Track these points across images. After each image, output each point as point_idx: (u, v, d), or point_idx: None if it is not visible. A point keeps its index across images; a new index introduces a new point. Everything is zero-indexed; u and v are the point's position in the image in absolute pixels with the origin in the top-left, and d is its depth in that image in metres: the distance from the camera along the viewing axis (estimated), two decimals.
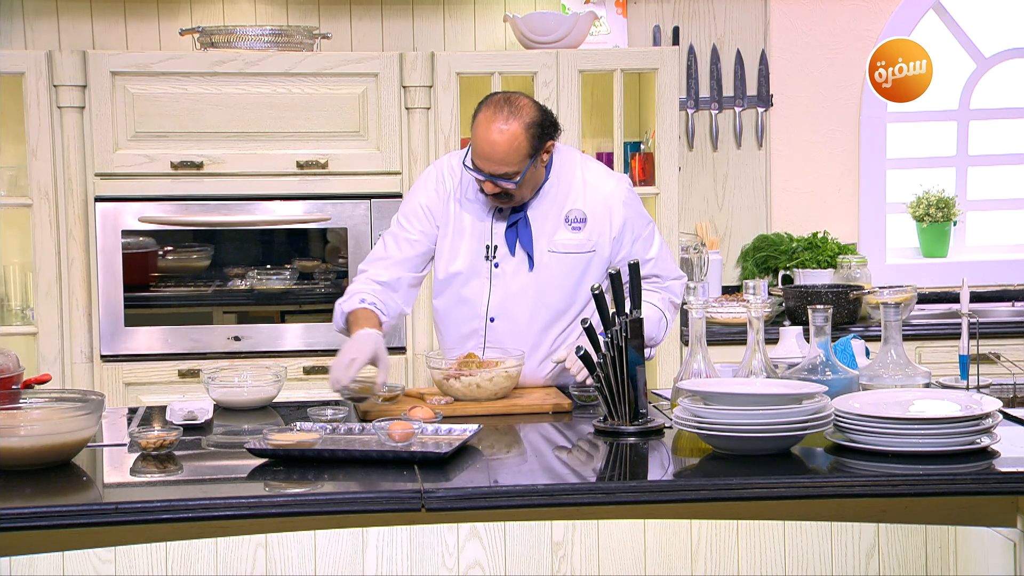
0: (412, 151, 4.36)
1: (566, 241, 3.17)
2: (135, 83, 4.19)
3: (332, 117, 4.31)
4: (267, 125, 4.28)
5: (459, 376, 2.99)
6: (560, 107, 4.38)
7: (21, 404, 2.58)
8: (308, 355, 4.35)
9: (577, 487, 2.35)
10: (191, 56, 4.26)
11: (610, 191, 3.19)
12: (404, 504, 2.27)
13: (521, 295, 3.18)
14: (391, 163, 4.36)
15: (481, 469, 2.47)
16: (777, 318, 4.68)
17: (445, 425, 2.66)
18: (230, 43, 4.29)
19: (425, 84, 4.33)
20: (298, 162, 4.30)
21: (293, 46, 4.35)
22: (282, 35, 4.34)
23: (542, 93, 4.38)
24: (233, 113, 4.26)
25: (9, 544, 2.31)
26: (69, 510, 2.24)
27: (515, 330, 3.19)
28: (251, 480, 2.43)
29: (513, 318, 3.19)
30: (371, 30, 4.75)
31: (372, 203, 4.35)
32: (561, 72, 4.39)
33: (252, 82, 4.26)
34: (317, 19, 4.69)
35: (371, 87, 4.32)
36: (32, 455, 2.40)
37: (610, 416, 2.73)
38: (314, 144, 4.32)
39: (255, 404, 3.04)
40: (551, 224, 3.17)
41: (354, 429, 2.67)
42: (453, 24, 4.78)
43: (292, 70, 4.27)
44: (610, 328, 2.71)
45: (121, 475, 2.49)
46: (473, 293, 3.21)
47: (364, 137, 4.34)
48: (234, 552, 2.57)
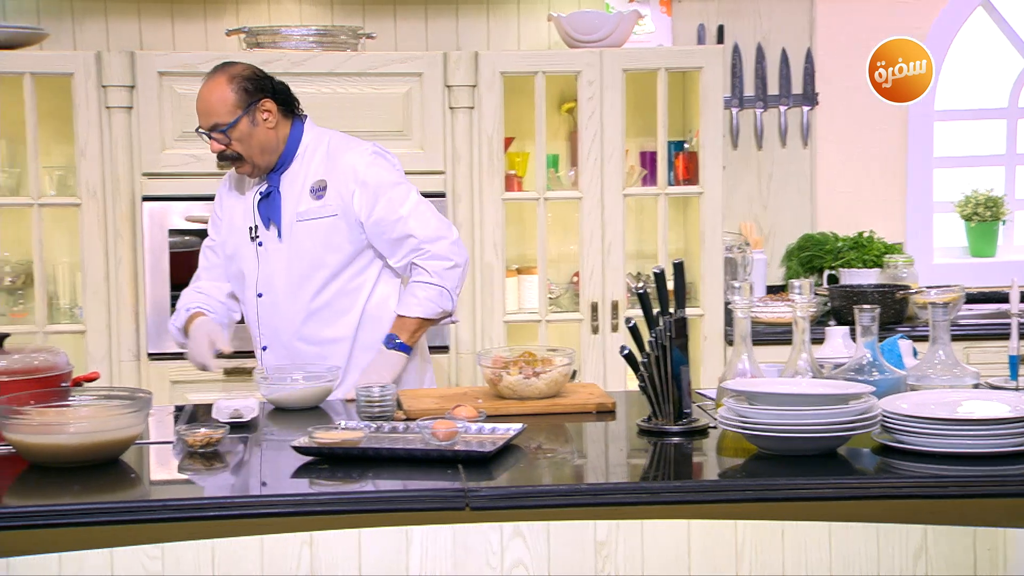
0: (456, 151, 4.36)
1: (309, 209, 3.31)
2: (182, 83, 4.22)
3: (376, 117, 4.32)
4: None
5: (520, 374, 2.98)
6: (604, 106, 4.37)
7: (70, 402, 2.61)
8: None
9: (621, 487, 2.34)
10: (237, 56, 4.27)
11: (349, 158, 3.32)
12: (448, 503, 2.27)
13: (278, 266, 3.34)
14: (434, 163, 4.36)
15: (525, 468, 2.47)
16: (822, 318, 4.64)
17: (489, 424, 2.66)
18: (275, 43, 4.32)
19: (469, 84, 4.33)
20: None
21: (337, 46, 4.37)
22: (327, 35, 4.36)
23: (586, 92, 4.37)
24: None
25: (58, 541, 2.34)
26: (117, 507, 2.26)
27: (277, 301, 3.34)
28: (296, 478, 2.44)
29: (275, 290, 3.34)
30: (415, 30, 4.76)
31: None
32: (605, 71, 4.38)
33: (297, 82, 4.24)
34: (361, 19, 4.70)
35: (415, 87, 4.33)
36: (81, 452, 2.42)
37: (654, 416, 2.72)
38: None
39: (307, 403, 3.06)
40: (297, 196, 3.32)
41: (398, 428, 2.67)
42: (497, 23, 4.78)
43: (336, 70, 4.29)
44: (653, 327, 2.70)
45: (168, 473, 2.51)
46: (247, 271, 3.38)
47: (408, 137, 4.35)
48: (280, 550, 2.58)
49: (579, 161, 4.45)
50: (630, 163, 4.58)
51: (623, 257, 4.46)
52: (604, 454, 2.64)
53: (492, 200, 4.40)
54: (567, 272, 4.74)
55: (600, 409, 2.95)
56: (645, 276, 4.69)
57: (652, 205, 4.62)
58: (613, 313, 4.47)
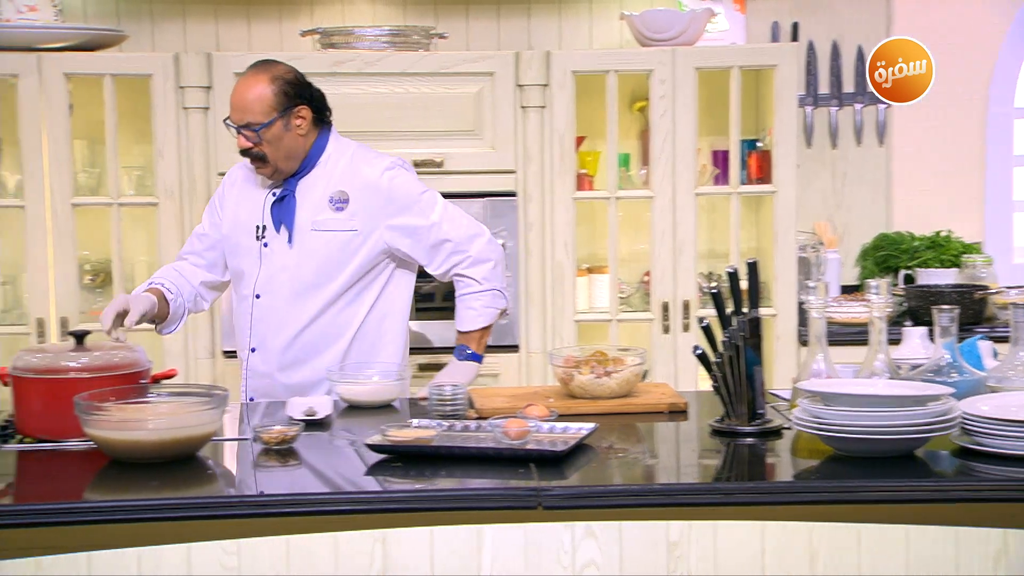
0: (527, 150, 4.36)
1: (327, 220, 3.27)
2: None
3: (448, 116, 4.34)
4: (384, 124, 4.32)
5: (592, 374, 2.98)
6: (676, 105, 4.35)
7: (149, 399, 2.65)
8: (423, 352, 4.37)
9: (695, 487, 2.33)
10: (311, 56, 4.33)
11: (371, 172, 3.29)
12: (521, 501, 2.27)
13: (282, 271, 3.29)
14: (505, 162, 4.37)
15: (597, 468, 2.46)
16: (897, 318, 4.58)
17: (560, 423, 2.66)
18: (349, 44, 4.35)
19: (540, 83, 4.33)
20: (414, 161, 4.32)
21: (410, 46, 4.39)
22: (399, 35, 4.38)
23: (657, 91, 4.35)
24: (351, 113, 4.29)
25: (137, 535, 2.37)
26: (194, 503, 2.30)
27: (275, 305, 3.30)
28: (370, 476, 2.46)
29: (275, 294, 3.30)
30: (487, 29, 4.77)
31: (487, 202, 4.37)
32: (677, 70, 4.35)
33: (370, 82, 4.31)
34: (434, 19, 4.72)
35: (486, 86, 4.33)
36: (159, 448, 2.46)
37: (727, 416, 2.70)
38: (430, 143, 4.35)
39: (380, 402, 3.07)
40: (315, 204, 3.28)
41: (470, 426, 2.68)
42: (568, 22, 4.78)
43: (409, 70, 4.31)
44: (727, 327, 2.68)
45: (244, 469, 2.54)
46: (247, 270, 3.34)
47: (479, 136, 4.36)
48: (353, 547, 2.59)
49: (650, 160, 4.43)
50: (702, 162, 4.55)
51: (694, 256, 4.44)
52: (676, 454, 2.63)
53: (563, 199, 4.39)
54: (638, 271, 4.73)
55: (672, 409, 2.93)
56: (717, 276, 4.66)
57: (724, 204, 4.59)
58: (684, 313, 4.45)
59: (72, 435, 2.61)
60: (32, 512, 2.25)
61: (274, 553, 2.55)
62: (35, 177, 4.24)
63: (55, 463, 2.56)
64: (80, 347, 2.78)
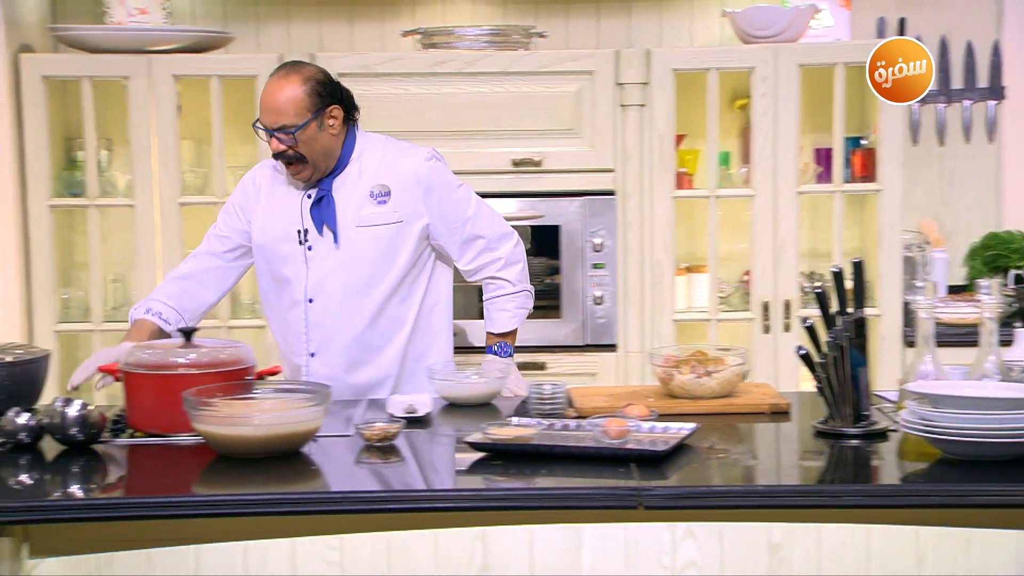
0: (626, 149, 4.35)
1: (372, 215, 3.24)
2: (359, 84, 4.27)
3: (547, 115, 4.34)
4: (483, 124, 4.34)
5: (692, 373, 2.96)
6: (778, 102, 4.30)
7: (254, 395, 2.69)
8: (520, 351, 4.36)
9: (799, 489, 2.30)
10: (412, 57, 4.36)
11: (410, 163, 3.28)
12: (622, 501, 2.26)
13: (333, 272, 3.24)
14: (604, 161, 4.36)
15: (698, 468, 2.45)
16: (1008, 319, 4.47)
17: (661, 423, 2.64)
18: (449, 43, 4.37)
19: (640, 81, 4.32)
20: (513, 160, 4.35)
21: (510, 45, 4.40)
22: (499, 34, 4.40)
23: (760, 89, 4.30)
24: (451, 112, 4.34)
25: (243, 530, 2.42)
26: (298, 498, 2.33)
27: (331, 308, 3.25)
28: (470, 474, 2.46)
29: (328, 296, 3.25)
30: (586, 28, 4.76)
31: (585, 200, 4.36)
32: (780, 67, 4.30)
33: (470, 81, 4.33)
34: (534, 18, 4.73)
35: (586, 85, 4.33)
36: (263, 444, 2.49)
37: (831, 418, 2.66)
38: (528, 142, 4.35)
39: (480, 400, 3.09)
40: (357, 201, 3.24)
41: (570, 425, 2.68)
42: (669, 20, 4.75)
43: (508, 69, 4.32)
44: (831, 327, 2.65)
45: (346, 466, 2.57)
46: (292, 276, 3.27)
47: (578, 135, 4.36)
48: (453, 545, 2.61)
49: (752, 158, 4.39)
50: (804, 160, 4.49)
51: (796, 256, 4.38)
52: (779, 455, 2.60)
53: (662, 198, 4.37)
54: (737, 271, 4.68)
55: (774, 410, 2.90)
56: (818, 275, 4.60)
57: (826, 203, 4.52)
58: (785, 312, 4.40)
59: (180, 430, 2.66)
60: (142, 505, 2.30)
61: (375, 549, 2.59)
62: (144, 177, 4.33)
63: (164, 457, 2.61)
64: (188, 344, 2.83)
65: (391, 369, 3.31)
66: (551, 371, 4.35)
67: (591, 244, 4.37)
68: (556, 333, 4.41)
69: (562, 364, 4.38)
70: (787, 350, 4.38)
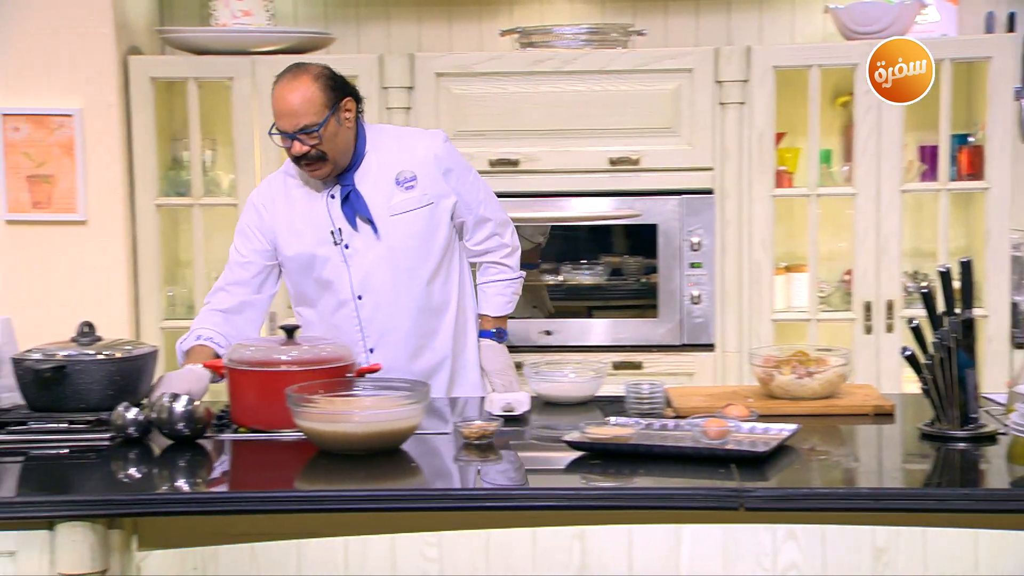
0: (724, 147, 4.31)
1: (402, 202, 3.24)
2: (457, 84, 4.33)
3: (644, 113, 4.32)
4: (580, 122, 4.33)
5: (793, 374, 2.92)
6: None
7: (355, 392, 2.72)
8: (616, 350, 4.38)
9: (904, 492, 2.26)
10: (510, 56, 4.37)
11: (428, 145, 3.30)
12: (722, 502, 2.24)
13: (378, 266, 3.23)
14: (702, 159, 4.33)
15: (800, 470, 2.42)
16: None
17: (761, 424, 2.62)
18: (547, 42, 4.38)
19: (740, 79, 4.28)
20: (610, 159, 4.34)
21: (608, 43, 4.39)
22: (597, 33, 4.39)
23: (863, 86, 4.23)
24: (548, 111, 4.34)
25: (343, 525, 2.44)
26: (399, 495, 2.35)
27: (382, 300, 3.25)
28: (568, 472, 2.46)
29: (377, 290, 3.24)
30: (685, 25, 4.73)
31: (683, 199, 4.34)
32: None
33: (567, 80, 4.33)
34: (632, 16, 4.71)
35: (684, 83, 4.30)
36: (364, 440, 2.52)
37: (937, 420, 2.61)
38: (626, 141, 4.34)
39: (577, 399, 3.08)
40: (384, 191, 3.24)
41: (668, 425, 2.66)
42: (769, 17, 4.70)
43: (606, 67, 4.31)
44: (938, 328, 2.60)
45: (445, 463, 2.58)
46: (333, 277, 3.25)
47: (676, 133, 4.33)
48: (551, 543, 2.61)
49: (854, 156, 4.32)
50: (908, 158, 4.41)
51: (899, 255, 4.31)
52: (883, 458, 2.56)
53: (761, 197, 4.32)
54: (837, 270, 4.61)
55: (878, 411, 2.85)
56: (922, 275, 4.51)
57: (931, 201, 4.44)
58: (888, 313, 4.32)
59: (283, 426, 2.70)
60: (245, 500, 2.33)
61: (474, 546, 2.59)
62: (247, 176, 4.40)
63: (267, 453, 2.66)
64: (290, 341, 2.87)
65: (446, 350, 3.34)
66: (647, 371, 4.33)
67: (688, 243, 4.34)
68: (652, 333, 4.39)
69: (658, 364, 4.36)
70: (889, 351, 4.31)
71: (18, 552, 2.30)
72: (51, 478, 2.50)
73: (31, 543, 2.29)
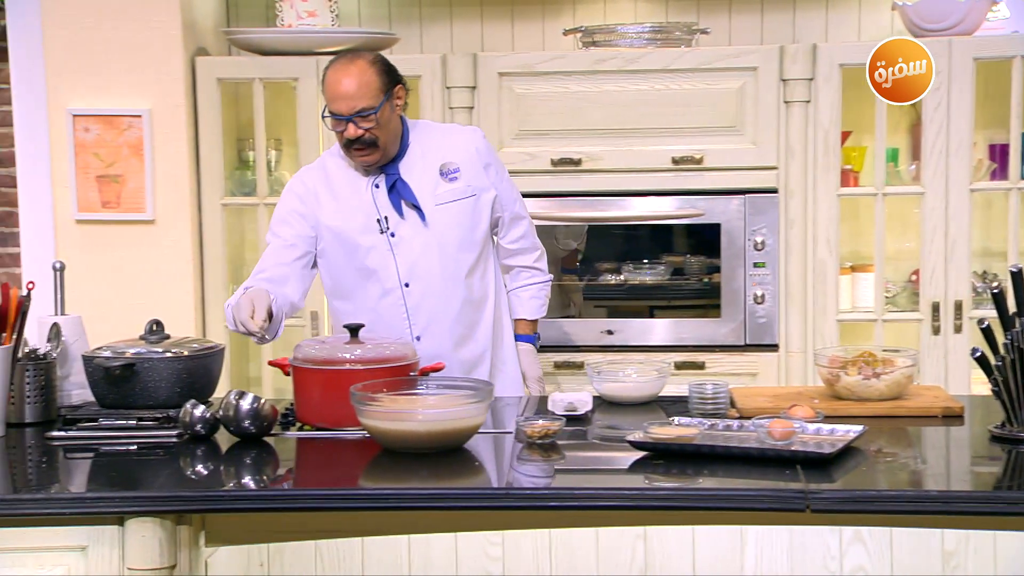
0: (789, 146, 4.28)
1: (447, 192, 3.28)
2: (520, 83, 4.34)
3: (708, 112, 4.30)
4: (643, 122, 4.32)
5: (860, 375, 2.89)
6: (951, 96, 4.17)
7: (418, 391, 2.73)
8: (678, 350, 4.36)
9: (974, 495, 2.23)
10: (573, 55, 4.37)
11: (469, 139, 3.36)
12: (788, 504, 2.23)
13: (426, 252, 3.26)
14: (767, 158, 4.30)
15: (867, 472, 2.39)
16: None
17: (827, 425, 2.59)
18: (610, 41, 4.37)
19: (805, 77, 4.24)
20: (673, 158, 4.32)
21: (671, 42, 4.37)
22: (661, 32, 4.37)
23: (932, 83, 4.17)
24: (611, 111, 4.33)
25: (406, 523, 2.45)
26: (462, 493, 2.36)
27: (430, 288, 3.27)
28: (632, 472, 2.46)
29: (425, 277, 3.27)
30: (749, 23, 4.70)
31: (746, 198, 4.31)
32: (953, 61, 4.17)
33: (630, 79, 4.31)
34: (695, 14, 4.69)
35: (749, 81, 4.27)
36: (428, 439, 2.53)
37: (1008, 422, 2.57)
38: (689, 140, 4.32)
39: (640, 399, 3.07)
40: (429, 181, 3.28)
41: (732, 426, 2.65)
42: (835, 14, 4.65)
43: (670, 66, 4.29)
44: (1009, 329, 2.56)
45: (508, 462, 2.59)
46: (378, 266, 3.27)
47: (740, 132, 4.30)
48: (614, 543, 2.60)
49: (922, 155, 4.27)
50: (977, 156, 4.35)
51: (968, 255, 4.25)
52: (952, 460, 2.53)
53: (826, 196, 4.28)
54: (904, 270, 4.56)
55: (947, 413, 2.82)
56: (991, 275, 4.45)
57: (1001, 200, 4.37)
58: (956, 313, 4.26)
59: (347, 424, 2.72)
60: (310, 497, 2.35)
61: (537, 545, 2.59)
62: None
63: (331, 451, 2.68)
64: (354, 339, 2.89)
65: (487, 343, 3.38)
66: (710, 371, 4.31)
67: (752, 243, 4.31)
68: (715, 332, 4.36)
69: (721, 364, 4.33)
70: (958, 352, 4.25)
71: (89, 547, 2.33)
72: (120, 474, 2.54)
73: (102, 538, 2.33)
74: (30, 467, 2.61)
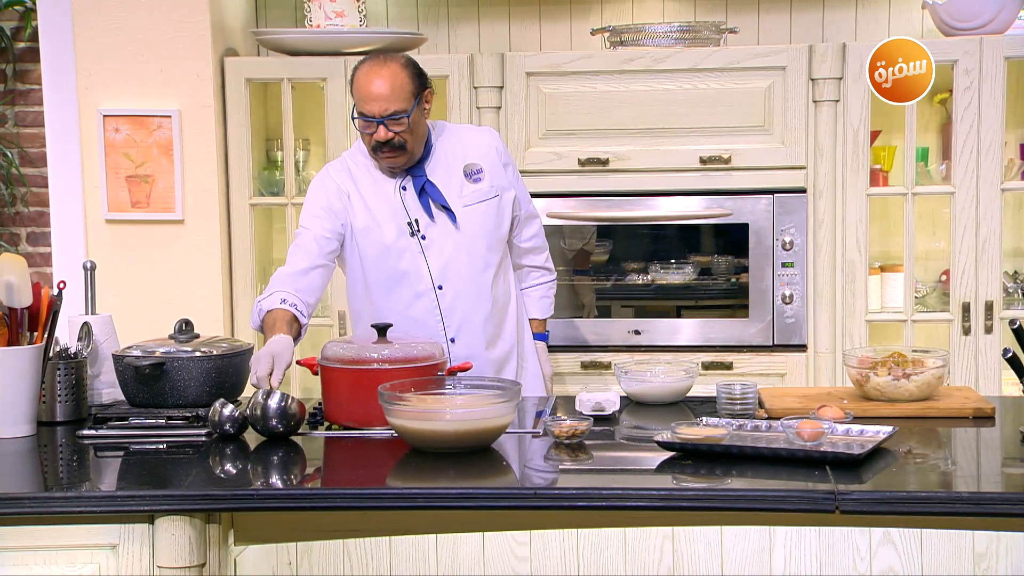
0: (818, 145, 4.26)
1: (472, 193, 3.31)
2: (547, 83, 4.33)
3: (736, 112, 4.28)
4: (671, 121, 4.31)
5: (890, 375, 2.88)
6: (982, 96, 4.15)
7: (446, 390, 2.73)
8: (706, 350, 4.35)
9: (1005, 497, 2.21)
10: (600, 55, 4.36)
11: (487, 141, 3.39)
12: (817, 504, 2.22)
13: (457, 254, 3.28)
14: (795, 158, 4.28)
15: (897, 473, 2.38)
16: None
17: (857, 426, 2.58)
18: (638, 41, 4.36)
19: (834, 76, 4.22)
20: (701, 157, 4.31)
21: (699, 42, 4.36)
22: (689, 31, 4.36)
23: (962, 82, 4.15)
24: (639, 110, 4.32)
25: (434, 523, 2.46)
26: (490, 493, 2.35)
27: (462, 289, 3.29)
28: (660, 473, 2.45)
29: (456, 279, 3.28)
30: (778, 23, 4.68)
31: (775, 198, 4.29)
32: (984, 60, 4.14)
33: (658, 79, 4.31)
34: (724, 13, 4.67)
35: (777, 80, 4.25)
36: (456, 439, 2.53)
37: None
38: (717, 139, 4.31)
39: (667, 399, 3.07)
40: (455, 183, 3.30)
41: (760, 426, 2.64)
42: (865, 13, 4.63)
43: (698, 66, 4.28)
44: None
45: (536, 462, 2.58)
46: (409, 268, 3.27)
47: (768, 131, 4.28)
48: (641, 543, 2.60)
49: (952, 155, 4.24)
50: (1008, 156, 4.32)
51: (999, 255, 4.22)
52: (982, 461, 2.51)
53: (855, 195, 4.26)
54: (934, 270, 4.53)
55: (977, 414, 2.80)
56: (1023, 276, 4.41)
57: None
58: (987, 314, 4.24)
59: (375, 423, 2.73)
60: (338, 496, 2.36)
61: (564, 545, 2.59)
62: None
63: (359, 450, 2.68)
64: (382, 339, 2.89)
65: (512, 340, 3.41)
66: (738, 371, 4.29)
67: (781, 242, 4.29)
68: (743, 332, 4.35)
69: (749, 364, 4.32)
70: (989, 352, 4.23)
71: (119, 545, 2.35)
72: (150, 473, 2.55)
73: (132, 536, 2.34)
74: (61, 466, 2.63)
